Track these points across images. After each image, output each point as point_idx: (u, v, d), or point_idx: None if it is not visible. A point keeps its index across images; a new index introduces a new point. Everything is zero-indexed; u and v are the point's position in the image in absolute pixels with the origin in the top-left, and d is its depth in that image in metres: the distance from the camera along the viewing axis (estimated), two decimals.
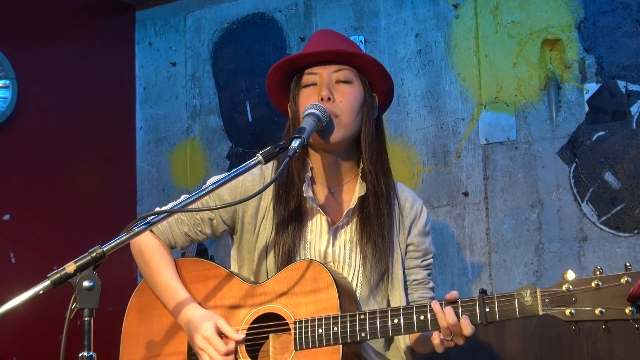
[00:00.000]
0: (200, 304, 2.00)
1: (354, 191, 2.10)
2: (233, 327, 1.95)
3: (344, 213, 2.06)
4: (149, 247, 2.09)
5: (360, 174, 2.09)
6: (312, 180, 2.09)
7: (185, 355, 1.99)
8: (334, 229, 2.07)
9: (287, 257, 2.00)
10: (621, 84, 2.95)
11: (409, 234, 2.13)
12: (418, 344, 2.05)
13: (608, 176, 2.95)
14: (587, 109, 3.01)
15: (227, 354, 1.88)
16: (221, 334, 1.91)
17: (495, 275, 3.13)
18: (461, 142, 3.24)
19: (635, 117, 2.92)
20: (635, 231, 2.89)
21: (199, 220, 2.09)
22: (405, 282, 2.12)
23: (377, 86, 2.11)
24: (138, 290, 2.13)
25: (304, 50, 2.08)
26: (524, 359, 3.00)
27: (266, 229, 2.05)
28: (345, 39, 2.16)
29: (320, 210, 2.05)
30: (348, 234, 2.08)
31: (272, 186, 2.05)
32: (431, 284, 2.18)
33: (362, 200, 2.06)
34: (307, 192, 2.03)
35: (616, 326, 2.88)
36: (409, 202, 2.15)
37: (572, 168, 3.02)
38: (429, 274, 2.18)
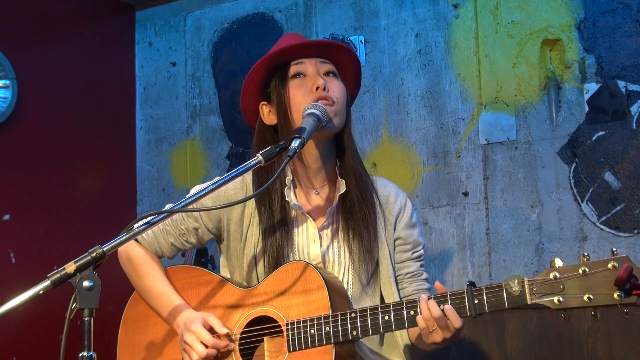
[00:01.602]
0: (194, 309, 2.00)
1: (335, 190, 2.09)
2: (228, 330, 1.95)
3: (327, 213, 2.06)
4: (138, 258, 2.09)
5: (338, 172, 2.09)
6: (294, 184, 2.08)
7: None
8: (320, 230, 2.06)
9: (276, 263, 2.00)
10: (621, 84, 2.95)
11: (395, 228, 2.12)
12: (418, 340, 2.05)
13: (608, 176, 2.95)
14: (587, 109, 3.01)
15: (215, 346, 1.88)
16: (211, 331, 1.91)
17: (495, 275, 3.13)
18: (461, 142, 3.24)
19: (635, 117, 2.92)
20: (635, 231, 2.89)
21: (184, 231, 2.09)
22: (395, 277, 2.11)
23: (349, 85, 2.13)
24: (132, 300, 2.13)
25: (282, 46, 2.05)
26: (524, 359, 3.00)
27: (253, 235, 2.05)
28: None
29: (305, 214, 2.05)
30: (334, 232, 2.08)
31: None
32: (425, 275, 2.17)
33: (343, 197, 2.06)
34: (289, 197, 2.03)
35: (616, 326, 2.88)
36: (392, 196, 2.15)
37: (572, 168, 3.02)
38: (421, 266, 2.17)
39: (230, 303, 1.99)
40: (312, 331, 1.86)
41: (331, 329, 1.85)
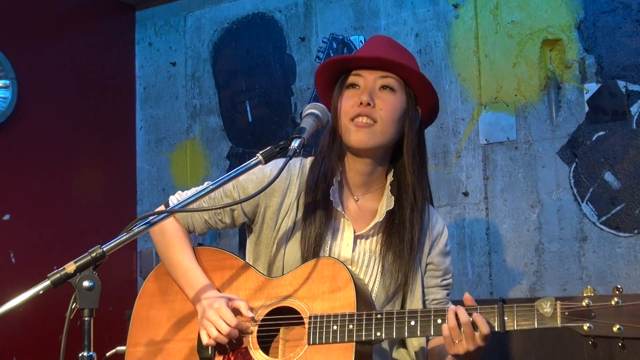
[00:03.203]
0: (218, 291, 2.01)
1: (379, 201, 2.10)
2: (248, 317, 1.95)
3: (371, 225, 2.06)
4: (171, 230, 2.10)
5: (389, 186, 2.09)
6: (340, 185, 2.09)
7: (195, 342, 1.99)
8: (357, 237, 2.07)
9: (305, 258, 2.00)
10: (621, 84, 2.95)
11: (429, 253, 2.13)
12: (436, 356, 2.05)
13: (608, 176, 2.95)
14: (587, 109, 3.01)
15: (238, 327, 1.88)
16: (235, 312, 1.91)
17: (495, 275, 3.13)
18: (461, 142, 3.25)
19: (635, 117, 2.92)
20: (635, 231, 2.88)
21: (220, 209, 2.10)
22: (423, 300, 2.11)
23: (422, 100, 2.11)
24: (153, 275, 2.14)
25: (357, 53, 2.10)
26: (524, 359, 3.00)
27: (287, 226, 2.05)
28: (400, 48, 2.15)
29: (345, 217, 2.06)
30: (369, 244, 2.08)
31: (298, 183, 2.07)
32: (450, 305, 2.16)
33: (392, 213, 2.05)
34: (334, 196, 2.04)
35: None
36: (432, 221, 2.15)
37: (572, 168, 3.02)
38: (447, 294, 2.17)
39: (254, 290, 1.99)
40: (335, 327, 1.86)
41: (355, 327, 1.85)
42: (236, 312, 1.92)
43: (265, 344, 1.95)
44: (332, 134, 2.06)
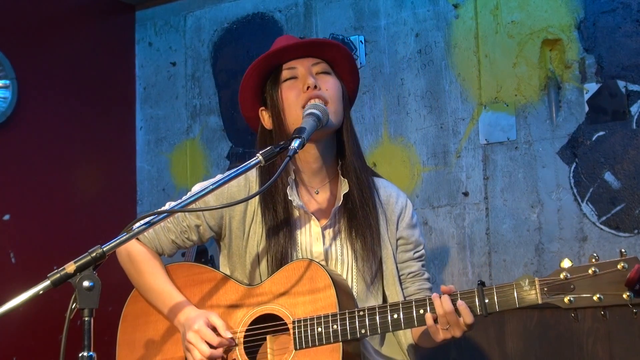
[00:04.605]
0: (196, 307, 2.00)
1: (337, 189, 2.10)
2: (231, 329, 1.95)
3: (332, 212, 2.07)
4: (138, 255, 2.08)
5: (340, 171, 2.10)
6: (296, 183, 2.09)
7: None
8: (323, 229, 2.07)
9: (280, 262, 2.00)
10: (621, 84, 2.95)
11: (397, 228, 2.13)
12: (422, 338, 2.05)
13: (608, 176, 2.95)
14: (587, 109, 3.01)
15: (220, 346, 1.87)
16: (214, 329, 1.91)
17: (495, 275, 3.13)
18: (461, 142, 3.24)
19: (635, 117, 2.92)
20: (635, 231, 2.89)
21: (185, 228, 2.09)
22: (399, 276, 2.12)
23: (347, 82, 2.13)
24: (132, 298, 2.12)
25: (278, 46, 2.07)
26: (524, 359, 3.00)
27: (256, 233, 2.05)
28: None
29: (308, 212, 2.06)
30: (337, 232, 2.08)
31: (257, 189, 2.06)
32: (426, 275, 2.18)
33: (346, 196, 2.06)
34: (292, 195, 2.03)
35: (616, 326, 2.88)
36: (393, 197, 2.16)
37: (572, 168, 3.02)
38: (422, 266, 2.18)
39: (234, 300, 1.99)
40: (320, 329, 1.86)
41: (339, 327, 1.85)
42: (216, 330, 1.91)
43: (253, 354, 1.94)
44: (279, 135, 2.03)
